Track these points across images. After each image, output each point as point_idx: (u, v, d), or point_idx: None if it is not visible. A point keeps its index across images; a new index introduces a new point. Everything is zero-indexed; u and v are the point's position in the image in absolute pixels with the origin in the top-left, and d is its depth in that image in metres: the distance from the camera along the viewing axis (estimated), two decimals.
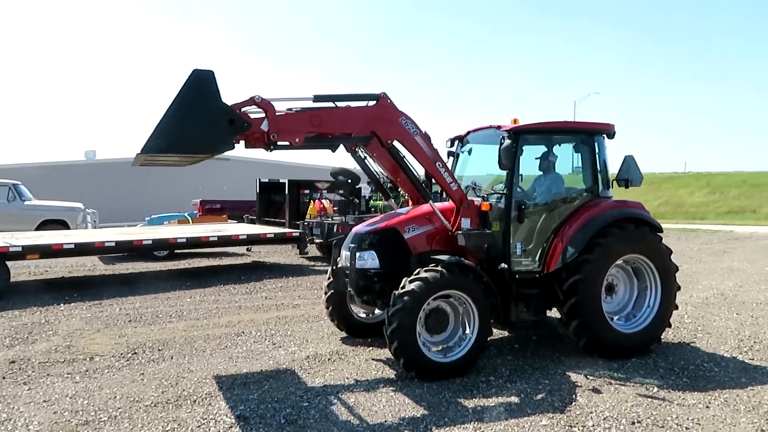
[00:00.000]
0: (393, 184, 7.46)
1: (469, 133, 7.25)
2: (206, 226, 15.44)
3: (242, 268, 13.59)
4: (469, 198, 6.37)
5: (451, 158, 7.36)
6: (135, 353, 6.61)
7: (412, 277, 5.59)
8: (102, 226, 18.49)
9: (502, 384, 5.54)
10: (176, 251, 14.93)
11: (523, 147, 6.42)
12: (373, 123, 5.96)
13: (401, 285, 5.58)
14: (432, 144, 6.24)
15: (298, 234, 13.77)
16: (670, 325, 6.61)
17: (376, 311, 6.94)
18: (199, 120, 5.05)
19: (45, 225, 16.07)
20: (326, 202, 16.73)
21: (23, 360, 6.34)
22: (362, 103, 6.06)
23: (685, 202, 39.12)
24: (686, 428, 4.56)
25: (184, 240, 12.37)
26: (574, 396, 5.21)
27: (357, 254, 6.15)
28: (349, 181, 14.97)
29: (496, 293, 5.96)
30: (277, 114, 5.54)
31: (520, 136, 6.32)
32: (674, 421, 4.66)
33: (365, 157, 6.34)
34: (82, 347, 6.84)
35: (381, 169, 6.50)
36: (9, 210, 15.90)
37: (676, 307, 6.66)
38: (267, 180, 18.92)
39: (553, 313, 6.98)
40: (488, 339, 5.89)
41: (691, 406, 4.99)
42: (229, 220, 18.04)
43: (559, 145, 6.88)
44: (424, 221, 6.36)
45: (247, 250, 16.20)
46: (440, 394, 5.23)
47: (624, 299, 6.68)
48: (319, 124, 5.75)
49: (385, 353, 6.30)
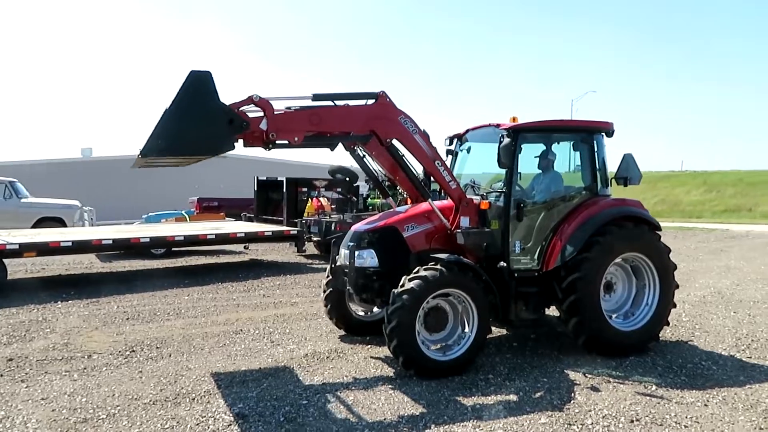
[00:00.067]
0: (391, 182, 7.45)
1: (468, 131, 7.25)
2: (204, 224, 15.42)
3: (240, 266, 13.58)
4: (468, 196, 6.37)
5: (450, 157, 7.35)
6: (133, 351, 6.60)
7: (412, 275, 5.59)
8: (99, 224, 18.43)
9: (501, 382, 5.55)
10: (173, 249, 14.93)
11: (522, 145, 6.43)
12: (373, 122, 5.96)
13: (400, 283, 5.57)
14: (431, 142, 6.25)
15: (296, 232, 13.75)
16: (668, 324, 6.63)
17: (375, 310, 6.94)
18: (197, 121, 5.05)
19: (41, 223, 16.03)
20: (324, 200, 16.70)
21: (21, 358, 6.32)
22: (361, 102, 6.06)
23: (681, 201, 39.25)
24: (685, 426, 4.57)
25: (182, 238, 12.35)
26: (572, 394, 5.22)
27: (356, 253, 6.14)
28: (347, 179, 14.88)
29: (495, 292, 5.95)
30: (276, 113, 5.54)
31: (519, 134, 6.32)
32: (673, 419, 4.67)
33: (364, 155, 6.33)
34: (80, 345, 6.83)
35: (380, 167, 6.49)
36: (5, 207, 15.84)
37: (674, 306, 6.67)
38: (265, 178, 18.82)
39: (551, 312, 7.00)
40: (487, 337, 5.89)
41: (689, 404, 5.00)
42: (227, 218, 18.01)
43: (558, 143, 6.88)
44: (423, 220, 6.36)
45: (245, 248, 16.17)
46: (439, 392, 5.24)
47: (622, 297, 6.69)
48: (318, 122, 5.75)
49: (383, 351, 6.30)
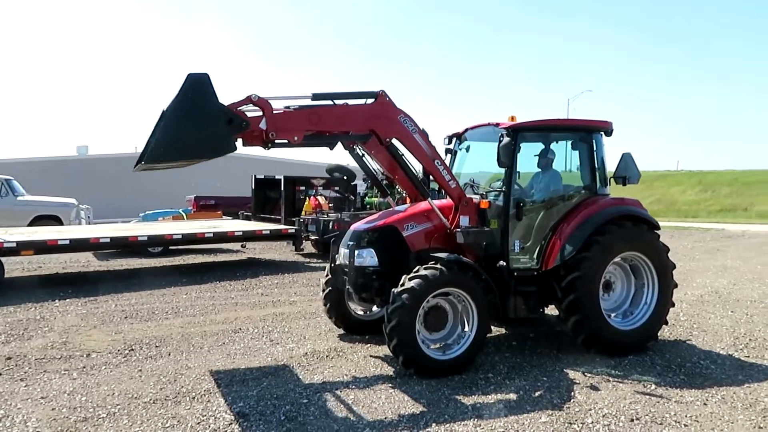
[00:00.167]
0: (390, 181, 7.44)
1: (467, 130, 7.25)
2: (201, 223, 15.41)
3: (237, 265, 13.56)
4: (467, 196, 6.37)
5: (449, 156, 7.35)
6: (132, 350, 6.58)
7: (412, 274, 5.59)
8: (95, 222, 18.39)
9: (501, 381, 5.55)
10: (170, 248, 14.91)
11: (521, 144, 6.43)
12: (372, 121, 5.95)
13: (400, 282, 5.57)
14: (430, 141, 6.24)
15: (293, 230, 13.74)
16: (666, 323, 6.65)
17: (374, 309, 6.94)
18: (197, 123, 5.03)
19: (38, 221, 15.98)
20: (321, 199, 16.68)
21: (19, 356, 6.30)
22: (361, 101, 6.05)
23: (677, 200, 39.39)
24: (685, 425, 4.58)
25: (180, 236, 12.33)
26: (572, 393, 5.23)
27: (356, 252, 6.14)
28: (345, 177, 14.86)
29: (495, 291, 5.96)
30: (276, 112, 5.52)
31: (518, 133, 6.31)
32: (672, 418, 4.69)
33: (363, 154, 6.32)
34: (79, 344, 6.81)
35: (379, 166, 6.48)
36: (1, 206, 15.81)
37: (673, 305, 6.69)
38: (262, 176, 18.80)
39: (550, 311, 7.01)
40: (486, 336, 5.90)
41: (689, 403, 5.02)
42: (224, 217, 17.98)
43: (557, 142, 6.89)
44: (422, 219, 6.36)
45: (242, 246, 16.15)
46: (439, 391, 5.24)
47: (621, 296, 6.71)
48: (317, 122, 5.74)
49: (383, 350, 6.31)
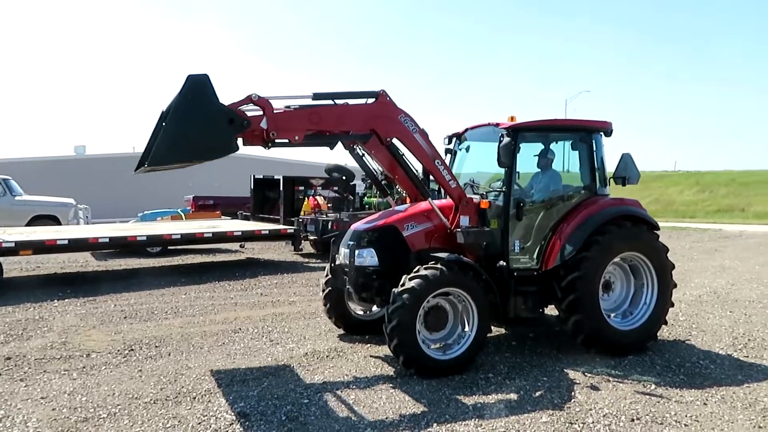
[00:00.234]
0: (389, 181, 7.45)
1: (467, 130, 7.25)
2: (200, 223, 15.39)
3: (236, 265, 13.54)
4: (467, 195, 6.38)
5: (449, 156, 7.36)
6: (132, 350, 6.57)
7: (412, 274, 5.59)
8: (93, 222, 18.35)
9: (501, 381, 5.56)
10: (169, 248, 14.89)
11: (521, 144, 6.44)
12: (373, 121, 5.95)
13: (401, 282, 5.57)
14: (430, 141, 6.25)
15: (292, 230, 13.73)
16: (666, 323, 6.66)
17: (374, 309, 6.94)
18: (198, 124, 5.04)
19: (36, 220, 15.95)
20: (320, 199, 16.67)
21: (19, 356, 6.29)
22: (361, 101, 6.05)
23: (674, 201, 39.45)
24: (685, 425, 4.59)
25: (179, 236, 12.32)
26: (572, 393, 5.24)
27: (356, 252, 6.13)
28: (344, 177, 14.87)
29: (495, 291, 5.96)
30: (276, 112, 5.52)
31: (518, 133, 6.32)
32: (673, 418, 4.70)
33: (363, 154, 6.32)
34: (78, 344, 6.80)
35: (379, 166, 6.48)
36: None
37: (672, 305, 6.71)
38: (261, 176, 18.78)
39: (550, 311, 7.02)
40: (486, 336, 5.91)
41: (688, 403, 5.03)
42: (223, 217, 17.96)
43: (557, 142, 6.90)
44: (422, 219, 6.36)
45: (240, 246, 16.13)
46: (440, 391, 5.24)
47: (621, 296, 6.72)
48: (318, 121, 5.74)
49: (383, 350, 6.31)
